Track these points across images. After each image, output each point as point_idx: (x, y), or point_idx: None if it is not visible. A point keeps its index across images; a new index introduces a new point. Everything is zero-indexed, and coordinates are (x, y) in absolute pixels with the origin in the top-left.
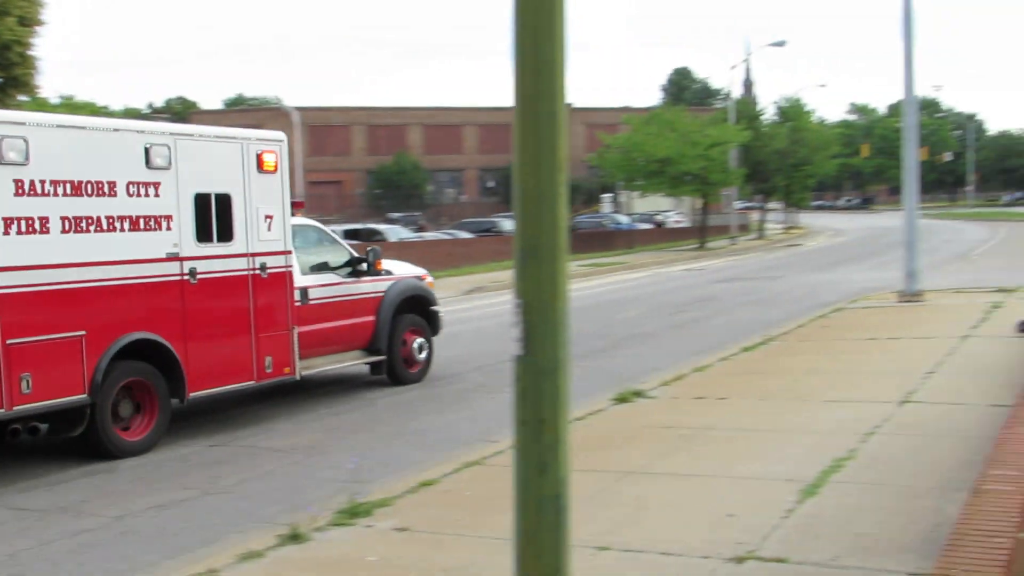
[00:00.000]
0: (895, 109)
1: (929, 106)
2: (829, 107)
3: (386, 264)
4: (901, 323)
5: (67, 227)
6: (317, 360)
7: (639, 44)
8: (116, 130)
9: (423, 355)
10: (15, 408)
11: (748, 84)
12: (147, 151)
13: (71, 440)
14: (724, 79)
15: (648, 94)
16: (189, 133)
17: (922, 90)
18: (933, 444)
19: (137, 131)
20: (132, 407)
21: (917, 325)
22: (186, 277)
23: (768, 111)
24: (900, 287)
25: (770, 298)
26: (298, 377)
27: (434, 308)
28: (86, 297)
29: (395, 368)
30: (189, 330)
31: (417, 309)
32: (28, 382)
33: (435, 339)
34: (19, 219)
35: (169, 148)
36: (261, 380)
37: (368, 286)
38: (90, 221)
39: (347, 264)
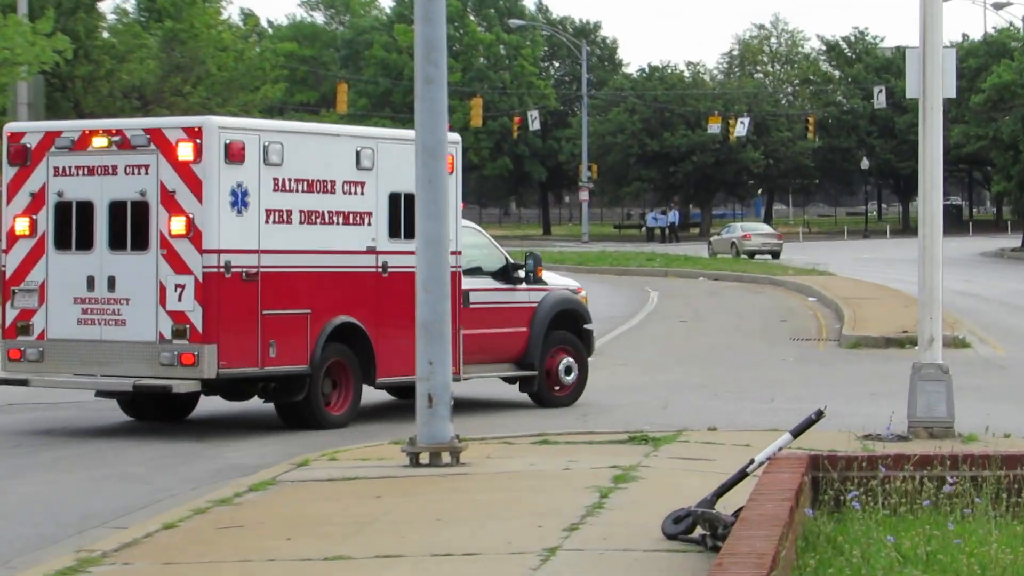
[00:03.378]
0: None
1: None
2: None
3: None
4: (410, 521)
5: (303, 219)
6: (472, 367)
7: None
8: (337, 135)
9: (571, 377)
10: (265, 368)
11: None
12: (358, 154)
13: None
14: None
15: None
16: (388, 137)
17: None
18: None
19: (352, 136)
20: (330, 386)
21: (445, 526)
22: (379, 270)
23: None
24: (417, 430)
25: (92, 450)
26: (461, 379)
27: (588, 327)
28: (312, 281)
29: (541, 388)
30: (380, 319)
31: (569, 325)
32: (274, 348)
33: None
34: (274, 210)
35: (373, 151)
36: None
37: (524, 295)
38: (317, 214)
39: (503, 270)
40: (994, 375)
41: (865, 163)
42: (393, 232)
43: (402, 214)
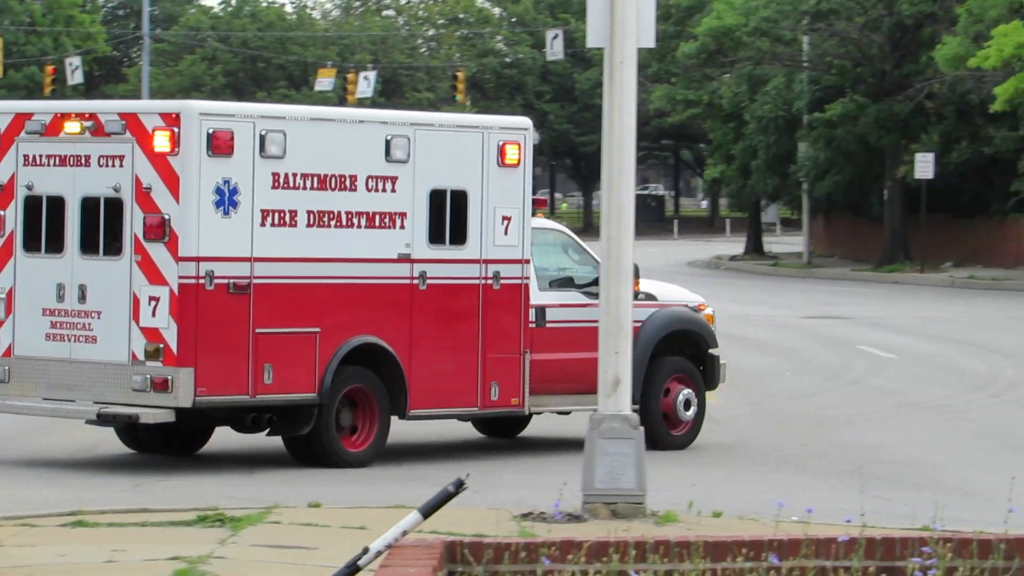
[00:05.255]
0: None
1: None
2: None
3: (647, 285)
4: None
5: (311, 221)
6: (549, 399)
7: None
8: (361, 121)
9: (690, 412)
10: (257, 396)
11: None
12: (388, 143)
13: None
14: None
15: None
16: (430, 123)
17: None
18: None
19: (380, 122)
20: (350, 417)
21: None
22: (415, 281)
23: None
24: None
25: None
26: (527, 412)
27: (713, 351)
28: (323, 294)
29: (650, 427)
30: (415, 340)
31: (687, 350)
32: (269, 373)
33: None
34: (274, 211)
35: (409, 140)
36: (485, 408)
37: None
38: (331, 216)
39: (597, 282)
40: (703, 431)
41: (535, 136)
42: (435, 237)
43: (447, 215)
